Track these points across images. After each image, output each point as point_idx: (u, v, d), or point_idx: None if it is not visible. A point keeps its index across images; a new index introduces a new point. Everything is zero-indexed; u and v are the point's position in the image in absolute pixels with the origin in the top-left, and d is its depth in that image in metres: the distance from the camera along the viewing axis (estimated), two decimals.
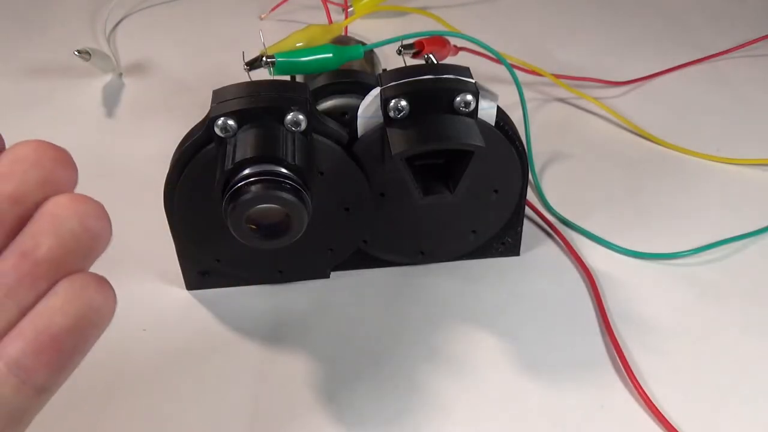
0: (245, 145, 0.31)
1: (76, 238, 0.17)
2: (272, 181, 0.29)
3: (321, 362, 0.35)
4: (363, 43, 0.42)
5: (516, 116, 0.38)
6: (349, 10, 0.59)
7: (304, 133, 0.32)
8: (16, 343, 0.17)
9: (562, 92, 0.55)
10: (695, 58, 0.59)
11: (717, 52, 0.60)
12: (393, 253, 0.39)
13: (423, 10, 0.62)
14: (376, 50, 0.45)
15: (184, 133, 0.34)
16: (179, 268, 0.38)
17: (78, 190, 0.18)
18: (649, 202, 0.45)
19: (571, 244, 0.41)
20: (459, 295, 0.38)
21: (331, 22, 0.62)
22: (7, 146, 0.18)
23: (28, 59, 0.61)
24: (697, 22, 0.66)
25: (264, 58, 0.37)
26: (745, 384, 0.34)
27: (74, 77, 0.58)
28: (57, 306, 0.17)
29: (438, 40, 0.44)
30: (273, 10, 0.67)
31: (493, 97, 0.34)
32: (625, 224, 0.43)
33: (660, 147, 0.50)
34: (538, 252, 0.41)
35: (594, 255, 0.41)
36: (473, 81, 0.34)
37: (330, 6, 0.64)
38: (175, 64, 0.60)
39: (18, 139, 0.18)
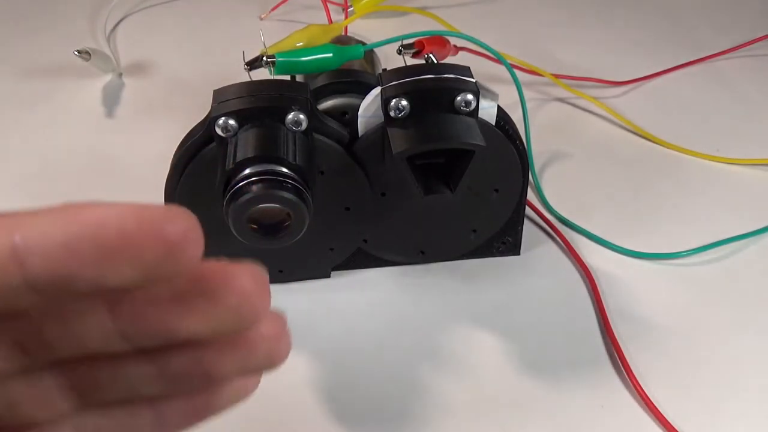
0: (246, 144, 0.31)
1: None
2: (273, 181, 0.29)
3: (321, 362, 0.35)
4: (363, 43, 0.42)
5: (516, 116, 0.38)
6: (349, 10, 0.59)
7: (304, 132, 0.32)
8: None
9: (562, 92, 0.55)
10: (695, 58, 0.59)
11: (717, 52, 0.60)
12: (393, 252, 0.39)
13: (423, 10, 0.62)
14: (376, 50, 0.45)
15: (184, 133, 0.34)
16: None
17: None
18: (648, 202, 0.45)
19: (571, 244, 0.41)
20: (459, 295, 0.38)
21: (331, 21, 0.62)
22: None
23: (28, 59, 0.61)
24: (697, 22, 0.67)
25: (264, 58, 0.37)
26: (745, 384, 0.34)
27: (74, 77, 0.58)
28: None
29: (438, 40, 0.44)
30: (273, 10, 0.67)
31: (493, 96, 0.34)
32: (625, 224, 0.43)
33: (660, 147, 0.50)
34: (538, 252, 0.41)
35: (594, 255, 0.41)
36: (474, 80, 0.34)
37: (330, 6, 0.64)
38: (175, 64, 0.60)
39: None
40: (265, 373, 0.16)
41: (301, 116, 0.32)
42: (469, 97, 0.33)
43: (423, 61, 0.42)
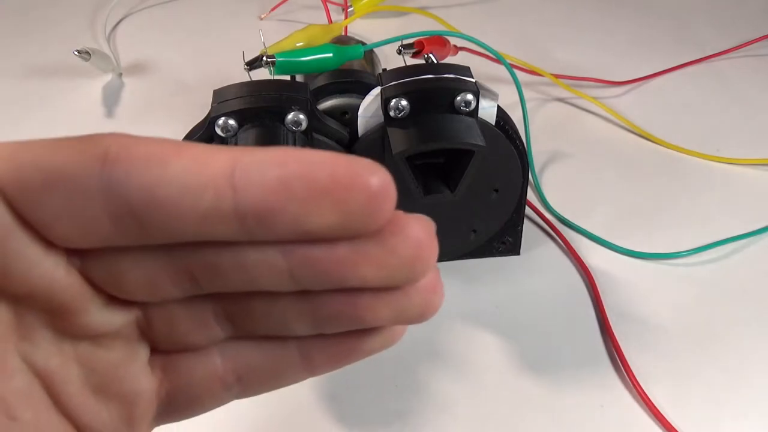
0: (246, 144, 0.31)
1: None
2: None
3: None
4: (363, 43, 0.42)
5: (516, 116, 0.38)
6: (349, 9, 0.59)
7: (304, 132, 0.32)
8: None
9: (562, 92, 0.55)
10: (695, 58, 0.59)
11: (717, 52, 0.60)
12: None
13: (423, 10, 0.62)
14: (376, 50, 0.45)
15: (184, 133, 0.34)
16: None
17: None
18: (649, 202, 0.45)
19: (571, 244, 0.41)
20: (459, 295, 0.38)
21: (331, 21, 0.62)
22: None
23: (28, 59, 0.61)
24: (697, 22, 0.67)
25: (264, 58, 0.37)
26: (745, 383, 0.34)
27: (74, 77, 0.58)
28: None
29: (438, 40, 0.44)
30: (273, 10, 0.67)
31: (493, 96, 0.34)
32: (625, 224, 0.43)
33: (660, 147, 0.50)
34: (538, 252, 0.41)
35: (594, 255, 0.41)
36: (474, 80, 0.34)
37: (330, 6, 0.64)
38: (175, 64, 0.60)
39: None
40: (415, 323, 0.15)
41: (301, 116, 0.32)
42: (469, 97, 0.33)
43: (423, 61, 0.42)
